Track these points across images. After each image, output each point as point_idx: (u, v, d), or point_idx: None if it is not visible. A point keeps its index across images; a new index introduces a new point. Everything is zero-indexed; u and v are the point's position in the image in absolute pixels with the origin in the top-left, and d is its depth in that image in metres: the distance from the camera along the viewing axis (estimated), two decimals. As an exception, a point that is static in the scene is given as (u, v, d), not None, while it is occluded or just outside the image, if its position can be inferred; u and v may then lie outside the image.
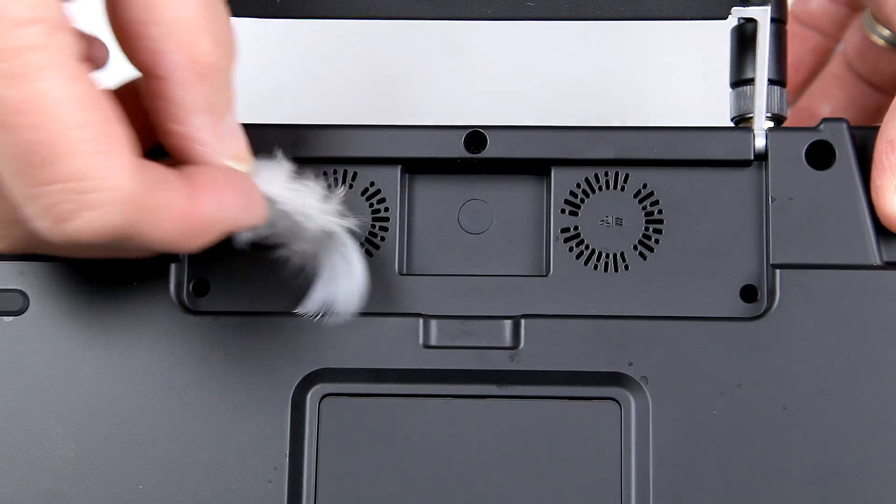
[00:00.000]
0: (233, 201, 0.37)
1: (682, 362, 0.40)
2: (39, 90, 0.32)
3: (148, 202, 0.34)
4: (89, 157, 0.32)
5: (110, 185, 0.33)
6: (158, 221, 0.34)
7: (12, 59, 0.31)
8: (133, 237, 0.34)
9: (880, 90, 0.56)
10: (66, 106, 0.32)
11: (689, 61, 0.62)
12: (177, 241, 0.35)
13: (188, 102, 0.36)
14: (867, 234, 0.41)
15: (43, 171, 0.32)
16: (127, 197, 0.33)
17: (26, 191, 0.33)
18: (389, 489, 0.40)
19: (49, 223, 0.33)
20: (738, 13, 0.42)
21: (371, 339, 0.41)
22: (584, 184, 0.42)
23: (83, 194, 0.33)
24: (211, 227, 0.36)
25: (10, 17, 0.31)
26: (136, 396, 0.41)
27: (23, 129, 0.32)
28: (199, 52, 0.35)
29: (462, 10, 0.42)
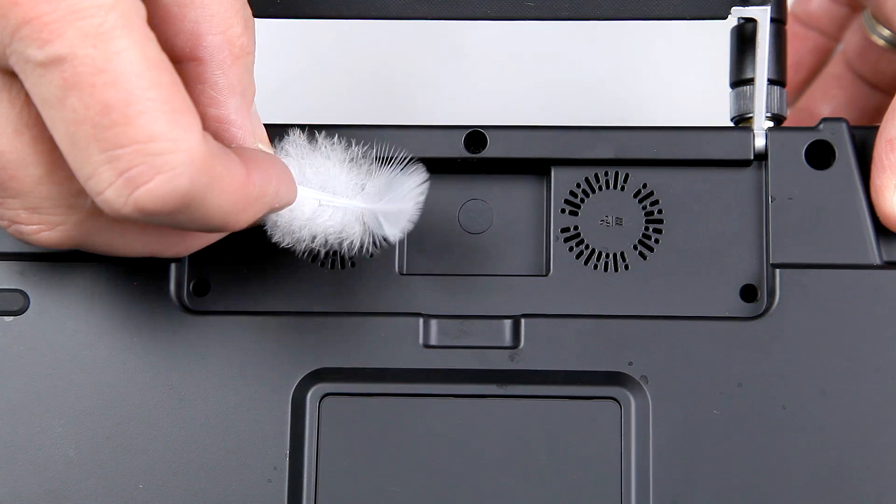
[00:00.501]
0: (275, 178, 0.37)
1: (682, 362, 0.40)
2: (118, 49, 0.32)
3: (213, 167, 0.34)
4: (163, 117, 0.32)
5: (183, 146, 0.32)
6: (220, 189, 0.34)
7: (93, 17, 0.31)
8: (197, 205, 0.34)
9: (880, 90, 0.56)
10: (142, 66, 0.32)
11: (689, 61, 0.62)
12: (232, 213, 0.35)
13: (225, 84, 0.37)
14: (867, 233, 0.41)
15: (118, 133, 0.32)
16: (197, 159, 0.33)
17: (99, 156, 0.32)
18: (389, 488, 0.40)
19: (121, 190, 0.33)
20: (737, 13, 0.42)
21: (371, 339, 0.41)
22: (584, 183, 0.42)
23: (157, 156, 0.32)
24: (261, 200, 0.36)
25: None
26: (137, 396, 0.41)
27: (100, 89, 0.32)
28: (233, 33, 0.36)
29: (462, 9, 0.42)
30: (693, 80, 0.61)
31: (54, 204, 0.36)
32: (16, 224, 0.36)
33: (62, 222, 0.36)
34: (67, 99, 0.32)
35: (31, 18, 0.31)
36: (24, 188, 0.35)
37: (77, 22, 0.31)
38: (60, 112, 0.32)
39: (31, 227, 0.36)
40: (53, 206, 0.36)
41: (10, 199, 0.35)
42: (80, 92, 0.32)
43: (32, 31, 0.31)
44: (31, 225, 0.36)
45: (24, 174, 0.35)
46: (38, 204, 0.35)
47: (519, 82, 0.62)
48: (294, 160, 0.39)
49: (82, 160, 0.33)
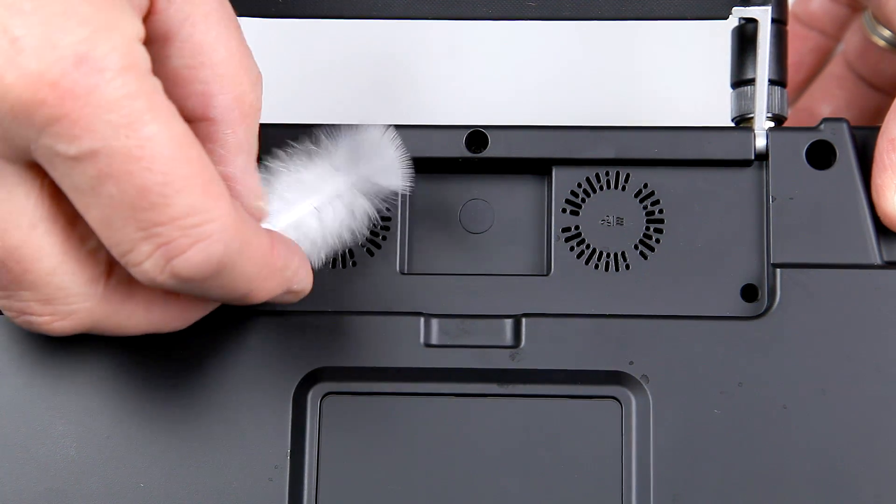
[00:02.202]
0: (297, 256, 0.38)
1: (682, 361, 0.40)
2: (148, 134, 0.32)
3: (244, 232, 0.34)
4: (197, 190, 0.33)
5: (216, 215, 0.33)
6: (248, 254, 0.35)
7: (121, 108, 0.31)
8: (228, 271, 0.34)
9: (881, 91, 0.56)
10: (173, 146, 0.32)
11: (690, 61, 0.62)
12: (257, 280, 0.36)
13: (234, 143, 0.37)
14: (867, 233, 0.41)
15: (157, 212, 0.32)
16: (230, 225, 0.34)
17: (137, 234, 0.33)
18: (390, 487, 0.40)
19: (158, 261, 0.33)
20: (738, 13, 0.42)
21: (372, 338, 0.41)
22: (584, 183, 0.42)
23: (196, 227, 0.33)
24: (283, 273, 0.37)
25: (108, 69, 0.31)
26: (138, 395, 0.41)
27: (137, 176, 0.32)
28: (242, 91, 0.36)
29: (464, 9, 0.42)
30: (694, 80, 0.61)
31: (67, 293, 0.35)
32: (26, 315, 0.36)
33: (74, 311, 0.36)
34: (103, 187, 0.32)
35: (60, 117, 0.31)
36: (37, 280, 0.35)
37: (106, 115, 0.31)
38: (95, 199, 0.32)
39: (43, 318, 0.36)
40: (66, 296, 0.35)
41: (22, 292, 0.35)
42: (116, 180, 0.32)
43: (62, 129, 0.31)
44: (44, 316, 0.36)
45: (39, 266, 0.34)
46: (51, 295, 0.35)
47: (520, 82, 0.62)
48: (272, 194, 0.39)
49: (119, 238, 0.33)
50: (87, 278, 0.35)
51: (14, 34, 0.31)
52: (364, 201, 0.40)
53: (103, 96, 0.31)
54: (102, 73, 0.31)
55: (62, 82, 0.31)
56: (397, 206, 0.42)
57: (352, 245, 0.41)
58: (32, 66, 0.31)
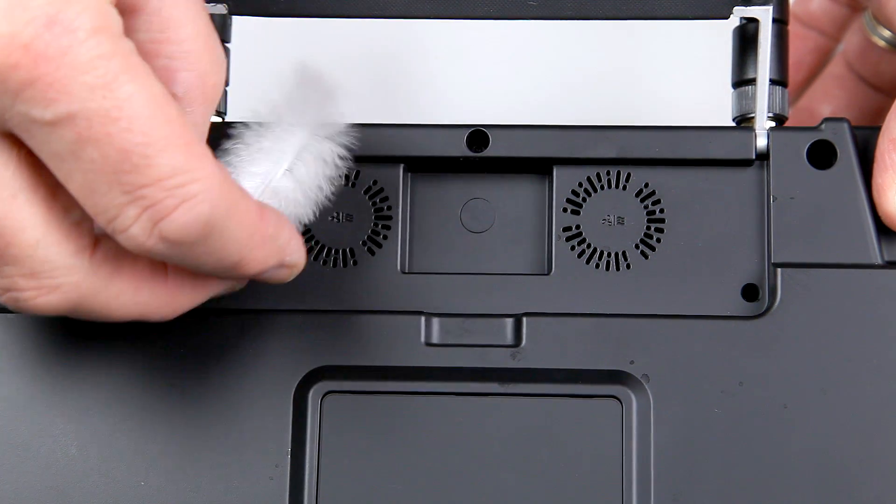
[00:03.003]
0: (286, 228, 0.37)
1: (683, 361, 0.40)
2: (126, 94, 0.32)
3: (230, 193, 0.34)
4: (180, 150, 0.32)
5: (201, 174, 0.33)
6: (237, 218, 0.34)
7: (96, 69, 0.31)
8: (217, 234, 0.34)
9: (881, 91, 0.56)
10: (151, 106, 0.32)
11: (691, 61, 0.62)
12: (247, 246, 0.35)
13: (197, 123, 0.36)
14: (868, 233, 0.41)
15: (140, 174, 0.32)
16: (216, 185, 0.33)
17: (122, 198, 0.32)
18: (391, 486, 0.40)
19: (145, 224, 0.33)
20: (739, 13, 0.42)
21: (373, 337, 0.41)
22: (585, 183, 0.42)
23: (182, 187, 0.33)
24: (274, 242, 0.36)
25: (81, 29, 0.31)
26: (138, 393, 0.41)
27: (117, 137, 0.32)
28: (205, 70, 0.36)
29: (465, 9, 0.42)
30: (695, 79, 0.61)
31: (52, 266, 0.35)
32: (11, 292, 0.35)
33: (60, 284, 0.35)
34: (83, 151, 0.32)
35: (34, 79, 0.31)
36: (21, 253, 0.34)
37: (81, 77, 0.31)
38: (76, 164, 0.32)
39: (28, 294, 0.35)
40: (52, 269, 0.35)
41: (5, 267, 0.34)
42: (96, 143, 0.32)
43: (36, 93, 0.31)
44: (28, 291, 0.35)
45: (22, 238, 0.34)
46: (35, 268, 0.34)
47: (521, 81, 0.62)
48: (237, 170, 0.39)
49: (104, 204, 0.33)
50: (72, 250, 0.35)
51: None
52: (330, 144, 0.39)
53: (77, 57, 0.31)
54: (75, 34, 0.31)
55: (34, 44, 0.31)
56: (398, 204, 0.42)
57: (335, 191, 0.40)
58: (3, 29, 0.30)
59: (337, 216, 0.42)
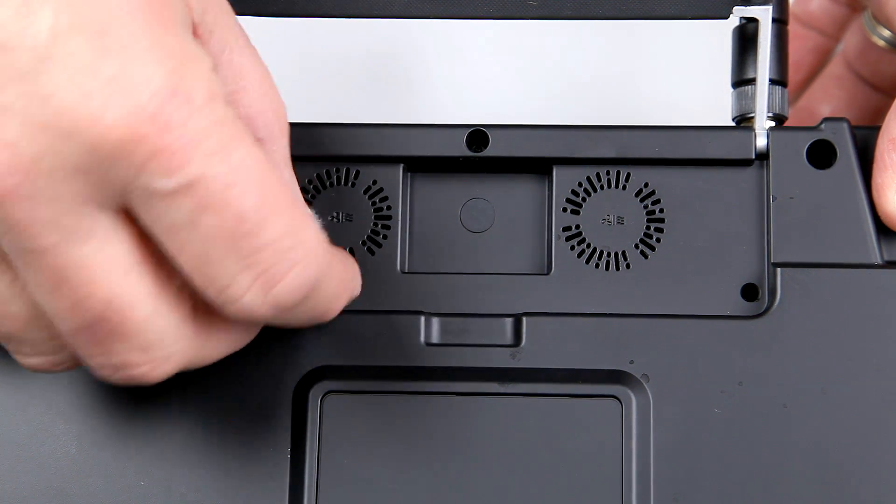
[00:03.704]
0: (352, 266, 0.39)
1: (683, 360, 0.40)
2: (238, 159, 0.32)
3: (327, 252, 0.35)
4: (288, 212, 0.33)
5: (307, 236, 0.34)
6: (332, 274, 0.36)
7: (211, 136, 0.32)
8: (317, 292, 0.35)
9: (881, 91, 0.56)
10: (262, 169, 0.33)
11: (691, 61, 0.62)
12: (336, 297, 0.37)
13: (280, 157, 0.37)
14: (868, 233, 0.41)
15: (255, 237, 0.33)
16: (319, 246, 0.34)
17: (236, 265, 0.33)
18: (391, 486, 0.40)
19: (258, 291, 0.33)
20: (739, 13, 0.42)
21: (373, 337, 0.41)
22: (585, 182, 0.42)
23: (292, 250, 0.33)
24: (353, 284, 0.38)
25: (198, 97, 0.32)
26: (138, 393, 0.41)
27: (234, 201, 0.32)
28: (279, 106, 0.37)
29: (464, 9, 0.42)
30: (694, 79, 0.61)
31: (163, 337, 0.34)
32: (125, 370, 0.35)
33: (171, 354, 0.35)
34: (201, 219, 0.32)
35: (159, 150, 0.31)
36: (134, 328, 0.34)
37: (202, 144, 0.31)
38: (193, 234, 0.32)
39: (142, 369, 0.34)
40: (163, 340, 0.34)
41: (117, 345, 0.34)
42: (213, 209, 0.32)
43: (161, 162, 0.31)
44: (143, 366, 0.34)
45: (135, 314, 0.34)
46: (148, 341, 0.34)
47: (521, 81, 0.62)
48: None
49: (217, 274, 0.33)
50: (179, 318, 0.35)
51: (107, 74, 0.31)
52: None
53: (197, 125, 0.31)
54: (193, 103, 0.31)
55: (160, 115, 0.31)
56: (398, 204, 0.42)
57: None
58: (131, 103, 0.31)
59: (337, 216, 0.42)
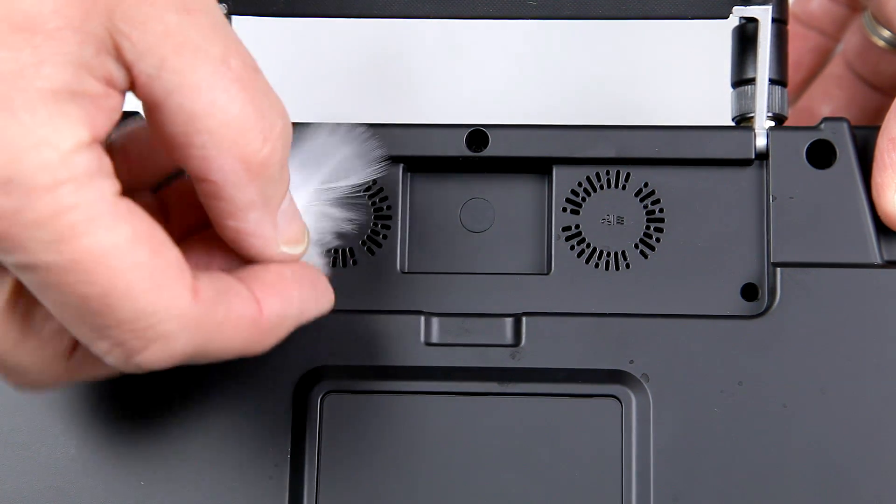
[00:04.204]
0: (300, 296, 0.36)
1: (683, 360, 0.40)
2: (84, 247, 0.31)
3: (212, 320, 0.34)
4: (145, 295, 0.32)
5: (173, 314, 0.33)
6: (226, 334, 0.34)
7: (50, 225, 0.31)
8: (203, 355, 0.34)
9: (881, 91, 0.56)
10: (115, 253, 0.32)
11: (691, 61, 0.62)
12: (247, 347, 0.35)
13: (243, 200, 0.35)
14: (868, 232, 0.41)
15: (103, 318, 0.32)
16: (190, 322, 0.33)
17: (91, 334, 0.33)
18: (391, 485, 0.40)
19: (119, 357, 0.33)
20: (739, 13, 0.42)
21: (373, 337, 0.41)
22: (585, 182, 0.42)
23: (146, 329, 0.32)
24: (280, 326, 0.36)
25: (37, 188, 0.31)
26: (138, 393, 0.41)
27: (75, 287, 0.31)
28: (249, 151, 0.34)
29: (464, 8, 0.42)
30: (694, 79, 0.61)
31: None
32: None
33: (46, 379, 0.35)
34: (46, 295, 0.32)
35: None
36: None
37: (35, 233, 0.31)
38: (45, 301, 0.32)
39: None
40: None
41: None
42: (56, 290, 0.32)
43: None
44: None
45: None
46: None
47: (520, 81, 0.62)
48: None
49: (78, 334, 0.33)
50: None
51: None
52: (336, 209, 0.39)
53: (30, 216, 0.31)
54: (29, 195, 0.30)
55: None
56: (398, 204, 0.42)
57: (331, 244, 0.40)
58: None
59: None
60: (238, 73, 0.34)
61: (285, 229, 0.36)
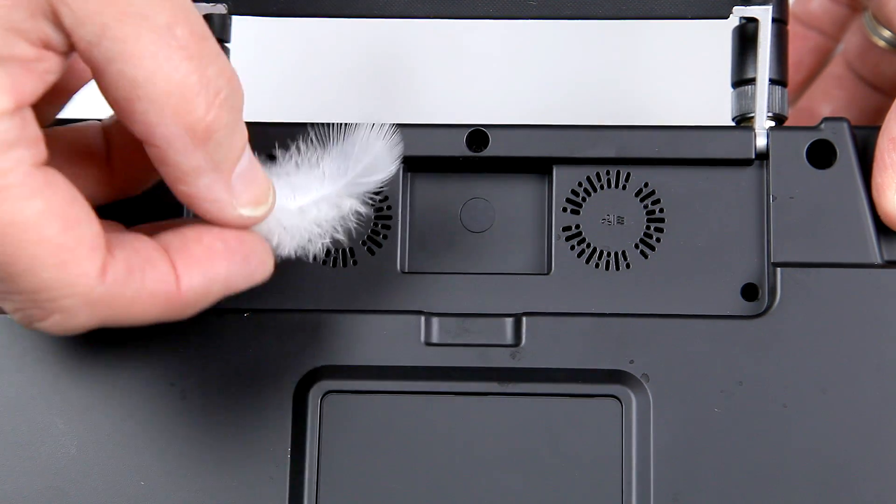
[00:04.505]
0: (227, 270, 0.36)
1: (683, 360, 0.40)
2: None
3: (120, 296, 0.34)
4: (48, 270, 0.32)
5: (75, 291, 0.33)
6: (139, 307, 0.34)
7: None
8: (113, 324, 0.34)
9: (881, 91, 0.56)
10: (23, 226, 0.32)
11: (691, 61, 0.62)
12: (164, 317, 0.35)
13: (190, 166, 0.35)
14: (868, 232, 0.41)
15: (5, 285, 0.33)
16: (94, 300, 0.33)
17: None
18: (391, 486, 0.40)
19: (23, 320, 0.34)
20: (739, 13, 0.42)
21: (373, 337, 0.41)
22: (585, 182, 0.42)
23: (47, 302, 0.33)
24: (201, 300, 0.36)
25: None
26: (138, 393, 0.41)
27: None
28: (194, 118, 0.34)
29: (465, 8, 0.42)
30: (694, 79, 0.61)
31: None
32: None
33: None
34: None
35: None
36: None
37: None
38: None
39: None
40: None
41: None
42: None
43: None
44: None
45: None
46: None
47: (521, 81, 0.62)
48: None
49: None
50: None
51: None
52: (352, 201, 0.39)
53: None
54: None
55: None
56: (398, 204, 0.42)
57: (340, 238, 0.39)
58: None
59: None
60: (184, 41, 0.33)
61: (242, 192, 0.36)
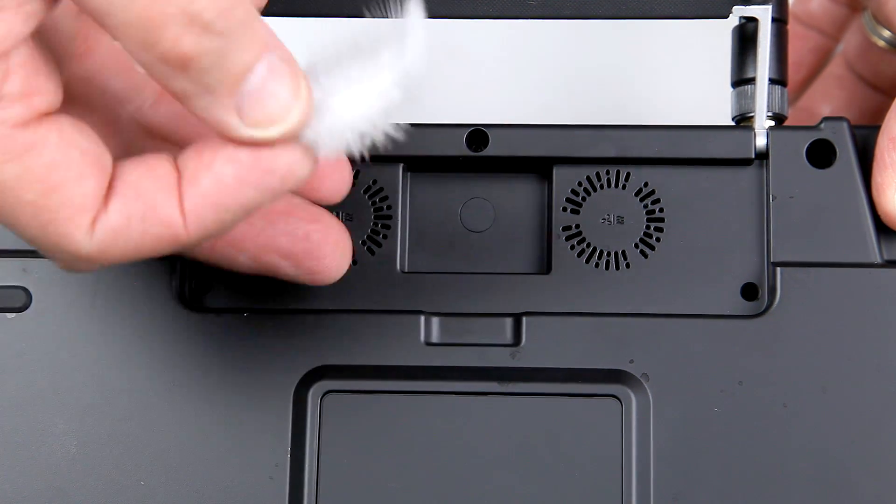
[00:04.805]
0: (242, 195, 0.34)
1: (683, 360, 0.40)
2: None
3: (114, 248, 0.33)
4: (34, 230, 0.33)
5: (62, 249, 0.33)
6: (142, 249, 0.34)
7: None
8: (119, 262, 0.34)
9: (881, 91, 0.56)
10: (9, 185, 0.32)
11: (691, 60, 0.62)
12: (175, 251, 0.34)
13: (180, 90, 0.33)
14: (868, 232, 0.41)
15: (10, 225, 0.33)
16: (82, 256, 0.33)
17: None
18: (391, 485, 0.40)
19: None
20: (739, 12, 0.42)
21: (373, 336, 0.41)
22: (585, 182, 0.42)
23: (44, 252, 0.34)
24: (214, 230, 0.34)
25: None
26: (138, 393, 0.41)
27: None
28: (163, 48, 0.31)
29: (465, 8, 0.42)
30: (694, 79, 0.61)
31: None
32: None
33: None
34: None
35: None
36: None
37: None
38: None
39: None
40: None
41: None
42: None
43: None
44: None
45: None
46: None
47: (520, 81, 0.62)
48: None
49: None
50: None
51: None
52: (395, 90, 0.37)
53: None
54: None
55: None
56: (398, 204, 0.42)
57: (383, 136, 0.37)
58: None
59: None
60: None
61: (251, 111, 0.33)
